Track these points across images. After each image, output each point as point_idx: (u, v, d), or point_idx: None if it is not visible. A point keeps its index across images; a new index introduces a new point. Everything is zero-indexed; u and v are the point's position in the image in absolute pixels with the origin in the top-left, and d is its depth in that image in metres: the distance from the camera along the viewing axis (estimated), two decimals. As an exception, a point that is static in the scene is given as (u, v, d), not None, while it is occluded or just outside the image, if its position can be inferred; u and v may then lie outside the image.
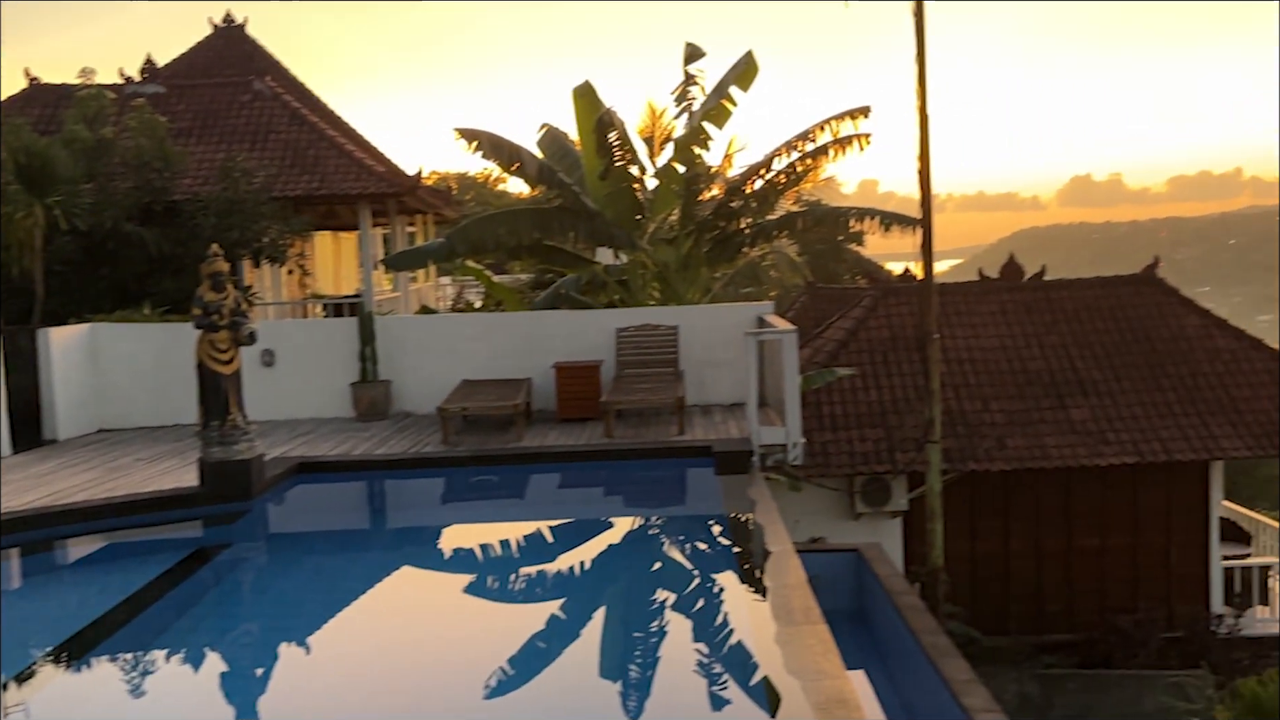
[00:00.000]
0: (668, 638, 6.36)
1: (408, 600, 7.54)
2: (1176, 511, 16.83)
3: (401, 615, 7.06)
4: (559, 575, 7.96)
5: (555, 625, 6.65)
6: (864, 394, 17.27)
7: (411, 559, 8.87)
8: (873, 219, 14.24)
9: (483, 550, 8.76)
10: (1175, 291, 18.76)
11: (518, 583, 7.79)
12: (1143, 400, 16.85)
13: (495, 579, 7.99)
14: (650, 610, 6.98)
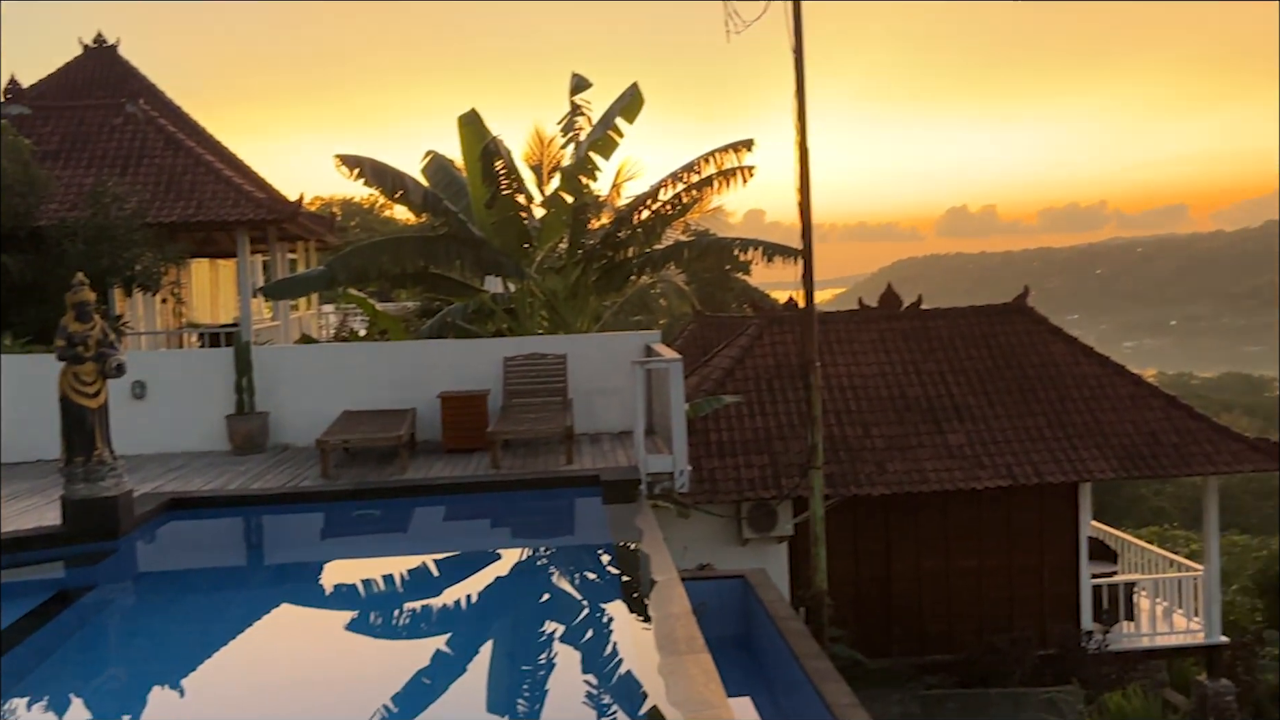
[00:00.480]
0: (556, 670, 6.30)
1: (287, 639, 7.31)
2: (1048, 532, 17.47)
3: (281, 655, 6.84)
4: (444, 610, 7.83)
5: (441, 660, 6.53)
6: (750, 421, 17.51)
7: (291, 596, 8.61)
8: (756, 249, 14.50)
9: (365, 586, 8.56)
10: (1044, 320, 19.55)
11: (402, 618, 7.63)
12: (1015, 425, 17.48)
13: (378, 615, 7.81)
14: (538, 642, 6.92)
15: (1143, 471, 16.95)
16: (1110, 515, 35.85)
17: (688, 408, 12.84)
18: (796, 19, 12.03)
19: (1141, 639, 17.55)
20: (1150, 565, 18.96)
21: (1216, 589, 17.56)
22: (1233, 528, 38.24)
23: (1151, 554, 19.19)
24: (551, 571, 9.01)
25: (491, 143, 13.48)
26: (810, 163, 12.45)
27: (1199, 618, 17.50)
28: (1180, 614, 17.79)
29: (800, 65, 12.17)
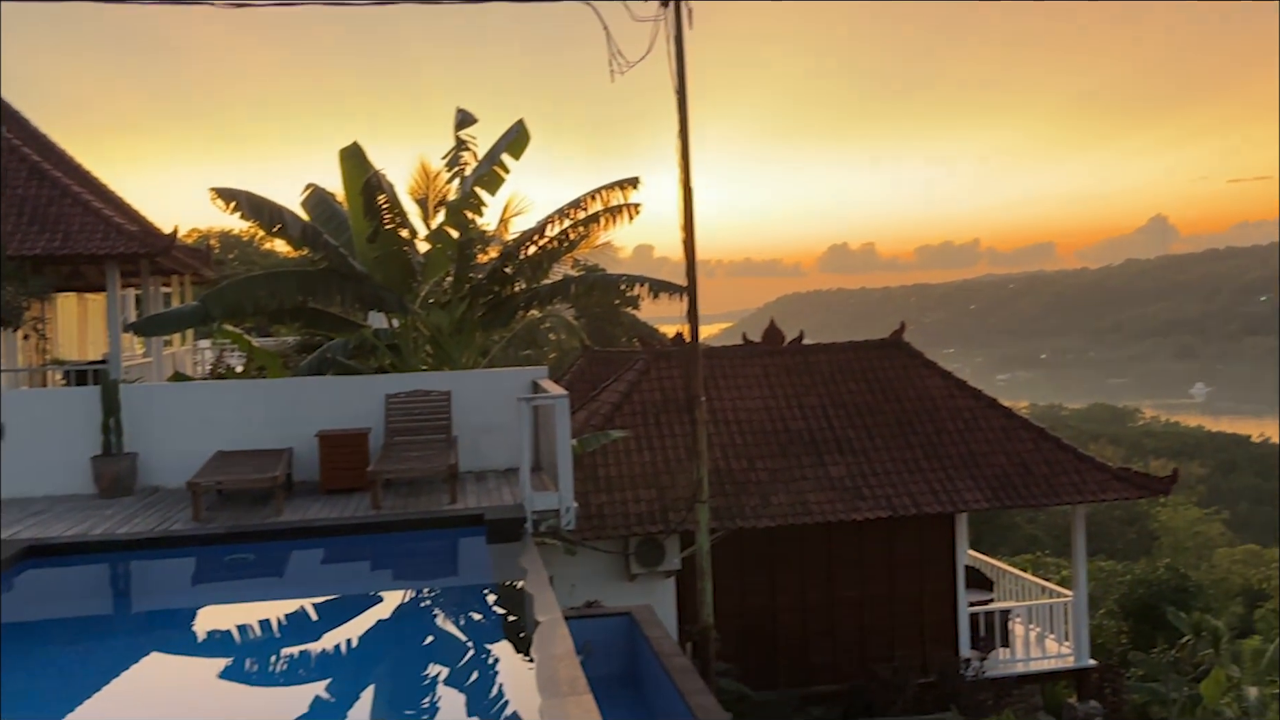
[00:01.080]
0: (437, 715, 6.18)
1: (156, 689, 7.00)
2: (927, 561, 17.94)
3: (149, 705, 6.55)
4: (324, 655, 7.61)
5: (320, 707, 6.34)
6: (638, 455, 17.57)
7: (160, 645, 8.26)
8: (642, 285, 14.62)
9: (240, 632, 8.26)
10: (920, 355, 20.17)
11: (279, 664, 7.39)
12: (894, 457, 17.95)
13: (254, 662, 7.55)
14: (420, 686, 6.78)
15: (1015, 501, 17.56)
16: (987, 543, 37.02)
17: (575, 443, 12.83)
18: (679, 61, 12.24)
19: (1017, 664, 18.10)
20: (1024, 592, 19.62)
21: (1084, 614, 18.25)
22: (1100, 553, 39.88)
23: (1025, 581, 19.86)
24: (434, 614, 8.85)
25: (374, 176, 13.31)
26: (694, 201, 12.63)
27: (1069, 642, 18.16)
28: (1052, 639, 18.42)
29: (683, 106, 12.37)
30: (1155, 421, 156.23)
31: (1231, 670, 19.65)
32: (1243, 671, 19.85)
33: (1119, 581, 24.92)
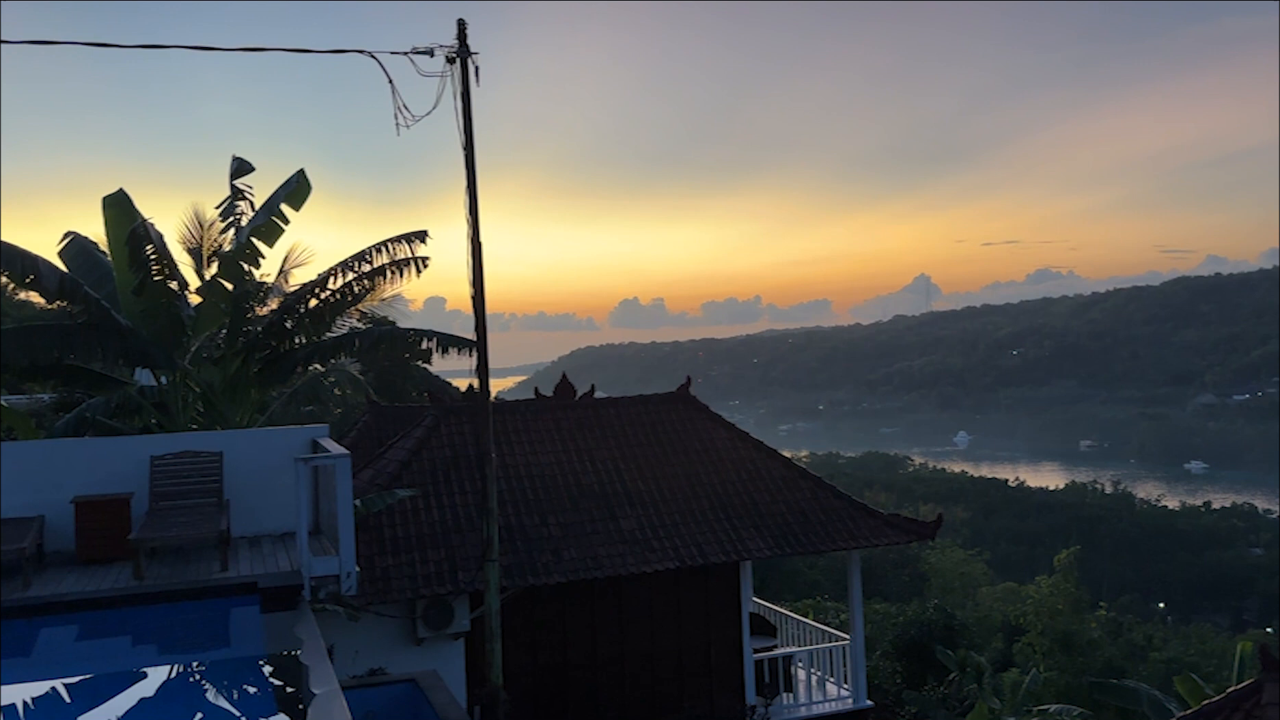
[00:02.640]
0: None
1: None
2: (714, 611, 18.29)
3: None
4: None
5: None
6: (427, 514, 17.16)
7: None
8: (430, 340, 14.40)
9: (-27, 723, 7.47)
10: (705, 408, 20.72)
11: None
12: (682, 508, 18.28)
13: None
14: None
15: (795, 549, 18.18)
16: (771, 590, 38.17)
17: (359, 504, 12.42)
18: (466, 118, 12.24)
19: (800, 709, 18.64)
20: (805, 637, 20.29)
21: (861, 656, 19.03)
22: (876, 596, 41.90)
23: (806, 625, 20.56)
24: (204, 689, 8.29)
25: (141, 225, 12.59)
26: (483, 256, 12.59)
27: (848, 684, 18.87)
28: (832, 682, 19.10)
29: (471, 163, 12.36)
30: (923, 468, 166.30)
31: (993, 702, 20.97)
32: (1003, 703, 21.23)
33: (893, 623, 26.24)
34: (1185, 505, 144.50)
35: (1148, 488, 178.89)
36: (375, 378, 36.07)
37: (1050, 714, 19.69)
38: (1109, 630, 38.23)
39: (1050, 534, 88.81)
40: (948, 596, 48.24)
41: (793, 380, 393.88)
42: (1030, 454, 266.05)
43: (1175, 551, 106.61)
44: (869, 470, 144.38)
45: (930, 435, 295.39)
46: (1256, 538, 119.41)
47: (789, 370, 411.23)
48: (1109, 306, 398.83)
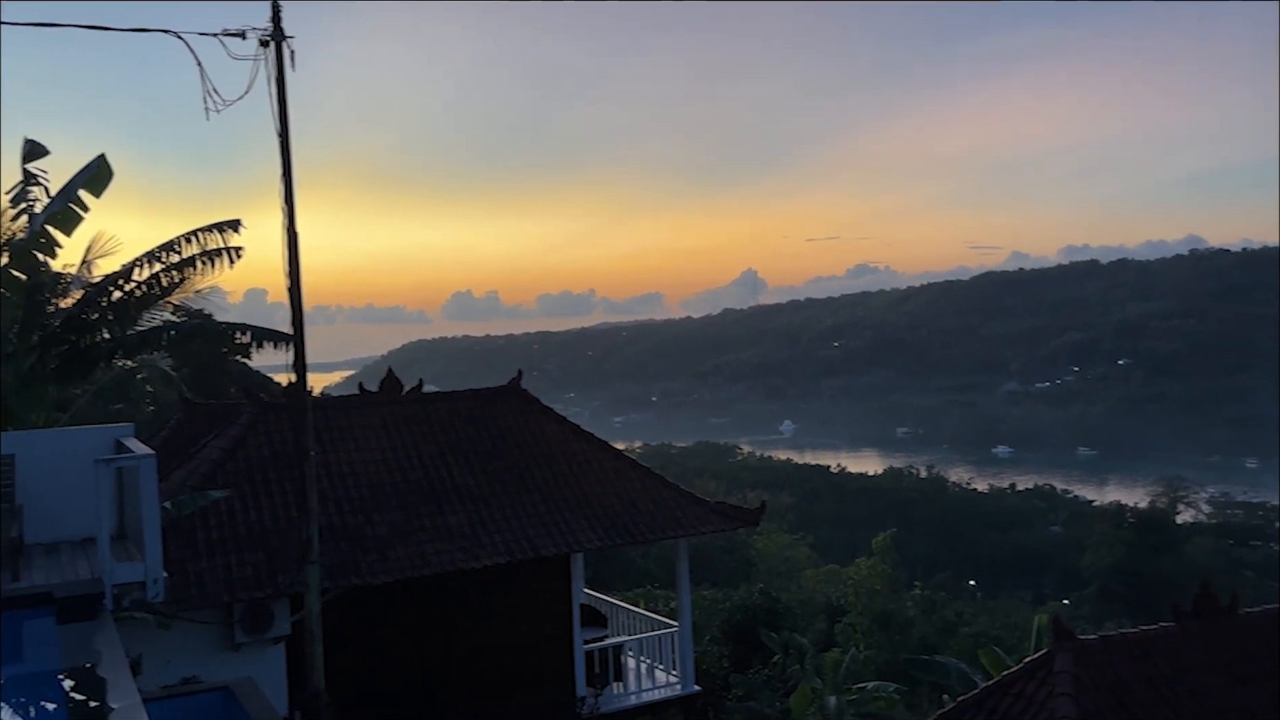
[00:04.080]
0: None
1: None
2: (545, 604, 18.29)
3: None
4: None
5: None
6: (244, 515, 16.50)
7: None
8: (244, 334, 13.84)
9: None
10: (536, 401, 20.68)
11: None
12: (513, 503, 18.19)
13: None
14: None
15: (626, 539, 18.38)
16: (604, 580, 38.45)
17: (169, 506, 11.84)
18: (281, 103, 11.79)
19: (630, 698, 18.86)
20: (636, 626, 20.53)
21: (689, 642, 19.41)
22: (705, 583, 42.75)
23: (637, 615, 20.81)
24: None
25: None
26: (300, 246, 12.18)
27: (677, 670, 19.21)
28: (661, 669, 19.41)
29: (286, 149, 11.93)
30: (752, 456, 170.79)
31: (815, 682, 21.75)
32: (824, 682, 22.04)
33: (720, 608, 26.86)
34: (992, 487, 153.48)
35: (959, 471, 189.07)
36: (192, 374, 34.42)
37: (868, 691, 20.58)
38: (923, 608, 40.14)
39: (870, 517, 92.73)
40: (773, 580, 49.73)
41: (627, 372, 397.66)
42: (851, 441, 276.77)
43: (984, 531, 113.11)
44: (700, 459, 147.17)
45: (758, 424, 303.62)
46: (1056, 516, 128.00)
47: (623, 362, 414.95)
48: (923, 300, 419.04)
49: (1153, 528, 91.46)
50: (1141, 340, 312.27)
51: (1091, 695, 11.17)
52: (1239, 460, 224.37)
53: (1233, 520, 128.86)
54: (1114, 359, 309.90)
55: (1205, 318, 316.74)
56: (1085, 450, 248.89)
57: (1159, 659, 11.90)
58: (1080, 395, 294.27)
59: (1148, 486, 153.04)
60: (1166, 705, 11.40)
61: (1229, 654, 12.12)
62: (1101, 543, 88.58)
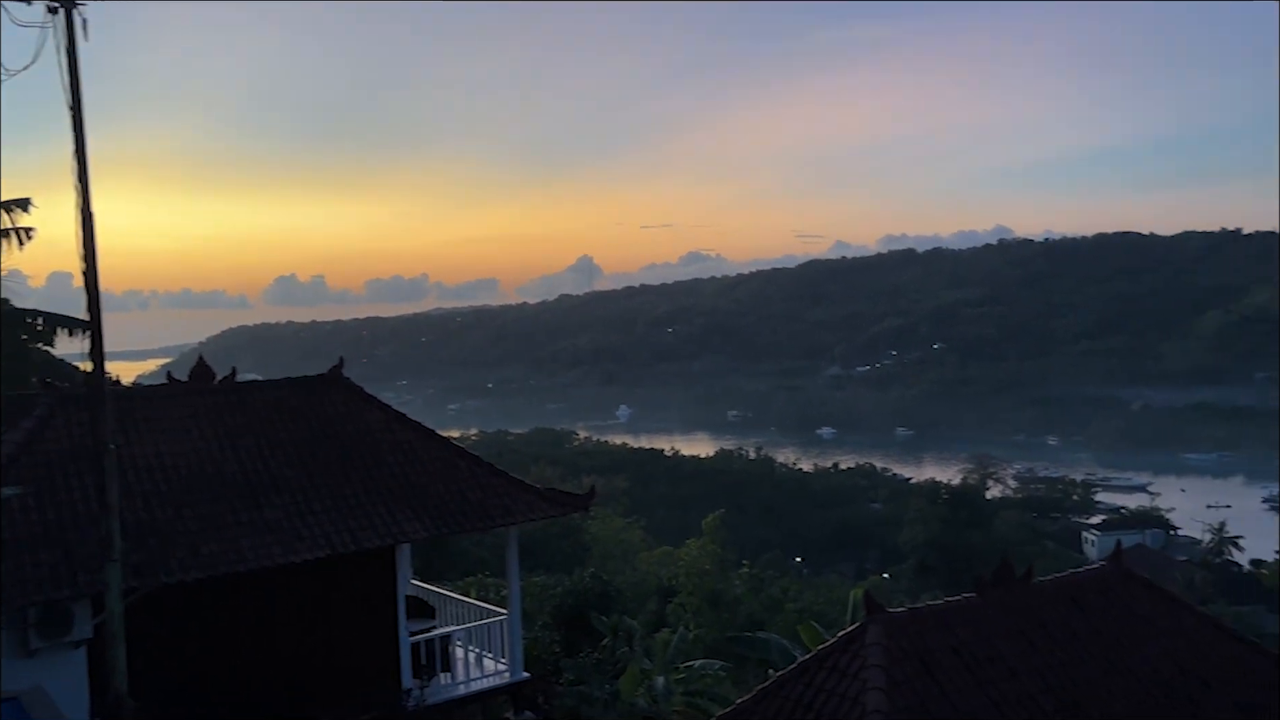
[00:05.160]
0: None
1: None
2: (370, 597, 17.86)
3: None
4: None
5: None
6: (39, 513, 15.45)
7: None
8: (35, 319, 12.95)
9: None
10: (359, 389, 20.12)
11: None
12: (334, 495, 17.65)
13: None
14: None
15: (454, 528, 18.14)
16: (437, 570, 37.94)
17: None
18: (73, 74, 11.03)
19: (459, 688, 18.66)
20: (465, 615, 20.33)
21: (518, 629, 19.34)
22: (540, 569, 42.76)
23: (466, 604, 20.60)
24: None
25: None
26: (95, 227, 11.45)
27: (506, 658, 19.12)
28: (490, 657, 19.28)
29: (79, 124, 11.17)
30: (588, 442, 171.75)
31: (644, 663, 22.06)
32: (654, 663, 22.38)
33: (552, 594, 26.88)
34: (817, 467, 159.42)
35: (786, 453, 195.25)
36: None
37: (695, 669, 21.01)
38: (751, 586, 41.33)
39: (702, 499, 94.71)
40: (608, 564, 50.20)
41: (462, 359, 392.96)
42: (684, 425, 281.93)
43: (810, 510, 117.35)
44: (537, 446, 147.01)
45: (594, 410, 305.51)
46: (876, 494, 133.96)
47: (458, 349, 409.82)
48: (752, 287, 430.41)
49: (965, 503, 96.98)
50: (955, 326, 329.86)
51: (900, 665, 11.67)
52: (1041, 438, 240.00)
53: (1035, 494, 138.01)
54: (929, 344, 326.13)
55: (1012, 304, 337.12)
56: (903, 430, 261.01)
57: (962, 628, 12.54)
58: (898, 378, 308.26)
59: (960, 464, 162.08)
60: (968, 672, 12.03)
61: (1024, 621, 12.88)
62: (918, 519, 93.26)
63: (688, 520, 76.33)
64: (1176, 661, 12.91)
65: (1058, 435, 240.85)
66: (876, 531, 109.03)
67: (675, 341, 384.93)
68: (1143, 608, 13.54)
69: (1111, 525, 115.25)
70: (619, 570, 51.05)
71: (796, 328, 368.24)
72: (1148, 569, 74.97)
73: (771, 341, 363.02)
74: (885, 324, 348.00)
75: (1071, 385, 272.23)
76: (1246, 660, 13.35)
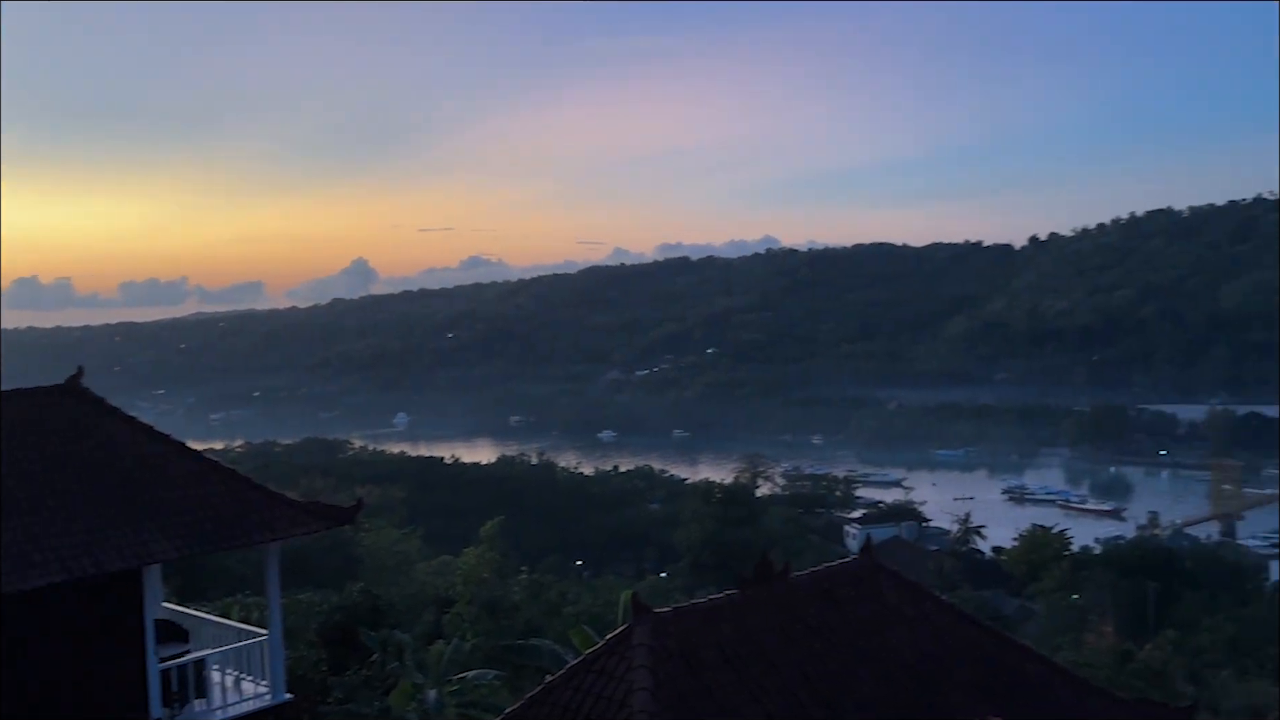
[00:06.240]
0: None
1: None
2: (114, 622, 16.60)
3: None
4: None
5: None
6: None
7: None
8: None
9: None
10: (101, 401, 18.68)
11: None
12: (72, 515, 16.30)
13: None
14: None
15: (206, 547, 17.11)
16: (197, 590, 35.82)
17: None
18: None
19: (214, 714, 17.61)
20: (224, 637, 19.21)
21: (280, 649, 18.45)
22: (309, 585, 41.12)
23: (224, 626, 19.47)
24: None
25: None
26: None
27: (266, 680, 18.21)
28: (249, 680, 18.30)
29: None
30: (364, 451, 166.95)
31: (417, 677, 21.55)
32: (427, 676, 21.91)
33: (319, 611, 25.87)
34: (598, 470, 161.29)
35: (568, 457, 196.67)
36: None
37: (469, 680, 20.70)
38: (531, 592, 41.23)
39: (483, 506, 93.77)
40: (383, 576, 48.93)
41: (226, 366, 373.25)
42: (466, 431, 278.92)
43: (591, 512, 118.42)
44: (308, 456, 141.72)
45: (371, 418, 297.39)
46: (654, 494, 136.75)
47: (221, 356, 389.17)
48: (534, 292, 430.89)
49: (737, 501, 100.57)
50: (727, 331, 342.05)
51: (665, 665, 11.88)
52: (807, 437, 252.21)
53: (802, 491, 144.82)
54: (704, 348, 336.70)
55: (779, 311, 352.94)
56: (680, 432, 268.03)
57: (725, 625, 12.91)
58: (675, 382, 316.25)
59: (733, 464, 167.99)
60: (731, 668, 12.40)
61: (782, 616, 13.41)
62: (693, 518, 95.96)
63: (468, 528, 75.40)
64: (920, 647, 13.76)
65: (822, 434, 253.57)
66: (655, 531, 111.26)
67: (457, 347, 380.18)
68: (890, 598, 14.35)
69: (871, 519, 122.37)
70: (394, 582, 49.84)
71: (577, 333, 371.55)
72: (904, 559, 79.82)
73: (554, 347, 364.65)
74: (663, 329, 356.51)
75: (834, 387, 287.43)
76: (982, 643, 14.39)
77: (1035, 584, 75.76)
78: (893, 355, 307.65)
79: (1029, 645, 16.04)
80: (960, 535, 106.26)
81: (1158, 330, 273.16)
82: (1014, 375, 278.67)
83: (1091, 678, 24.51)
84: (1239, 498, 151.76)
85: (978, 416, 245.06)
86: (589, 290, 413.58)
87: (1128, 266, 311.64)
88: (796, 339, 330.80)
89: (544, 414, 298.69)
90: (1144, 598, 65.30)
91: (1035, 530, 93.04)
